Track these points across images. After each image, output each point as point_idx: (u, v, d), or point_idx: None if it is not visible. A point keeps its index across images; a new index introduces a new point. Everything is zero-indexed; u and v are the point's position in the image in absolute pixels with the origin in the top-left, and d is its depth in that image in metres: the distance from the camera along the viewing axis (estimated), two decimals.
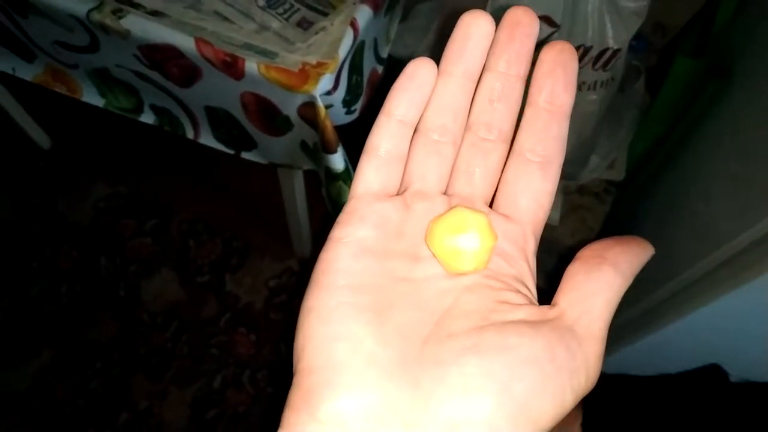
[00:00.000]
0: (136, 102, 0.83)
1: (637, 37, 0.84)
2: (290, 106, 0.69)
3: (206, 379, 1.11)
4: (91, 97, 0.85)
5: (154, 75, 0.74)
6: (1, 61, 0.86)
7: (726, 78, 0.76)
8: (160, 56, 0.70)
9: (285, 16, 0.69)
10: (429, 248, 0.21)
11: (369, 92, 0.81)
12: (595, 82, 0.85)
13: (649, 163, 1.03)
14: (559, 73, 0.22)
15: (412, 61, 0.23)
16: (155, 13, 0.68)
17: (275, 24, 0.69)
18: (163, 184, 1.27)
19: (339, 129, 0.70)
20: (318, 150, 0.74)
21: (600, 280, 0.20)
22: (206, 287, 1.18)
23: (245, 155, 0.83)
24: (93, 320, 1.15)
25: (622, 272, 0.20)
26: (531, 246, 0.22)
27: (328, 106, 0.68)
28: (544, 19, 0.74)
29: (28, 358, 1.12)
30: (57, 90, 0.86)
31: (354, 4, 0.70)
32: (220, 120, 0.78)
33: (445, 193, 0.23)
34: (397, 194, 0.23)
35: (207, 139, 0.83)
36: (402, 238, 0.22)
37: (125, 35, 0.68)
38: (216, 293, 1.18)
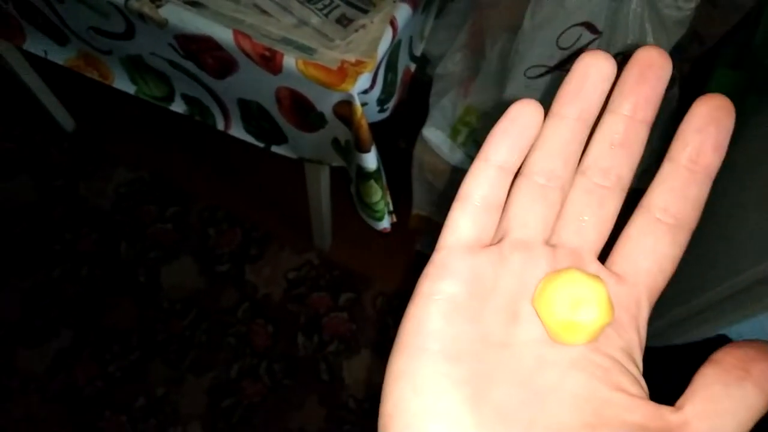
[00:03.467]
0: (168, 90, 0.83)
1: (675, 45, 0.82)
2: (326, 103, 0.68)
3: (223, 368, 1.11)
4: (123, 83, 0.84)
5: (189, 65, 0.74)
6: (33, 43, 0.86)
7: (766, 93, 0.74)
8: (196, 47, 0.70)
9: (324, 12, 0.68)
10: (536, 312, 0.19)
11: (402, 90, 0.80)
12: None
13: None
14: (712, 132, 0.20)
15: (516, 102, 0.21)
16: (194, 4, 0.68)
17: (314, 19, 0.68)
18: (186, 171, 1.27)
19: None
20: (351, 148, 0.73)
21: (740, 398, 0.17)
22: (225, 277, 1.19)
23: (275, 149, 0.82)
24: (112, 305, 1.16)
25: (766, 394, 0.18)
26: (644, 314, 0.20)
27: (363, 104, 0.67)
28: (586, 26, 0.73)
29: (48, 339, 1.12)
30: (88, 75, 0.86)
31: (394, 2, 0.70)
32: (252, 113, 0.78)
33: (548, 244, 0.21)
34: (492, 244, 0.21)
35: (237, 131, 0.83)
36: (497, 295, 0.20)
37: (162, 24, 0.67)
38: (235, 283, 1.18)
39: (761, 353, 0.18)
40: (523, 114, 0.21)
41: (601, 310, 0.18)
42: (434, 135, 0.90)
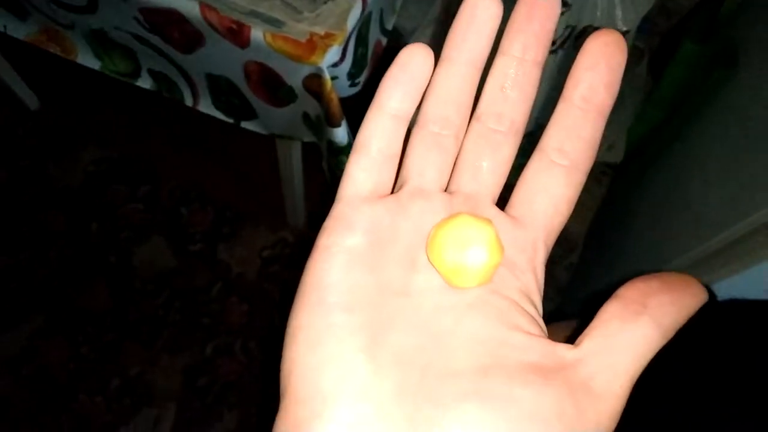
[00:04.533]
0: (134, 66, 0.81)
1: (643, 18, 0.83)
2: (295, 77, 0.68)
3: (198, 348, 1.11)
4: (87, 59, 0.82)
5: (154, 39, 0.72)
6: None
7: (731, 67, 0.76)
8: (162, 20, 0.68)
9: None
10: (429, 259, 0.20)
11: (373, 64, 0.80)
12: None
13: (648, 147, 1.03)
14: (602, 69, 0.20)
15: (404, 48, 0.21)
16: None
17: None
18: (156, 150, 1.25)
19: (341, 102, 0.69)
20: (321, 123, 0.73)
21: (636, 333, 0.17)
22: (198, 256, 1.18)
23: (245, 125, 0.82)
24: (84, 286, 1.14)
25: (663, 328, 0.18)
26: (541, 256, 0.20)
27: (333, 78, 0.67)
28: None
29: (20, 322, 1.11)
30: (51, 50, 0.83)
31: None
32: (221, 88, 0.77)
33: (446, 191, 0.21)
34: (391, 193, 0.21)
35: (206, 107, 0.82)
36: (396, 244, 0.20)
37: None
38: (208, 262, 1.17)
39: (661, 284, 0.18)
40: (413, 60, 0.20)
41: (490, 252, 0.18)
42: None
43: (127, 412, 1.06)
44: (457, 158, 0.22)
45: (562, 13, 0.75)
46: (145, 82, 0.83)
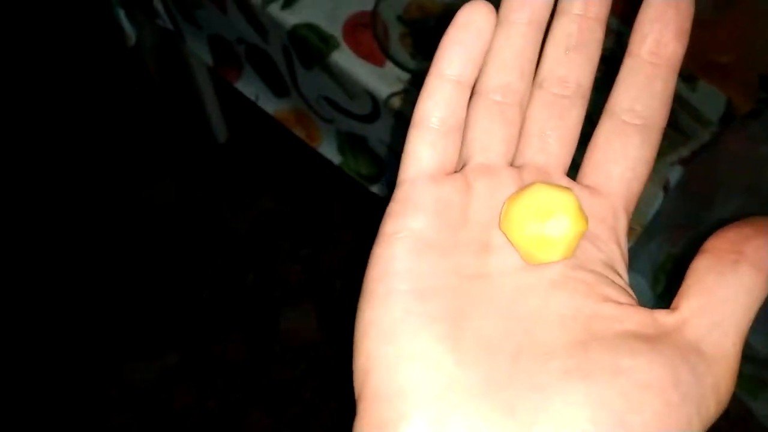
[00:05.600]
0: (377, 172, 0.77)
1: None
2: None
3: None
4: (329, 151, 0.79)
5: None
6: (246, 84, 0.81)
7: None
8: None
9: None
10: (505, 235, 0.18)
11: None
12: None
13: None
14: (670, 17, 0.19)
15: (464, 6, 0.19)
16: None
17: None
18: (328, 217, 1.22)
19: None
20: None
21: (737, 283, 0.16)
22: (343, 334, 1.13)
23: None
24: (224, 335, 1.12)
25: (766, 272, 0.16)
26: (623, 224, 0.19)
27: None
28: None
29: (155, 356, 1.09)
30: (294, 131, 0.81)
31: (672, 165, 0.62)
32: None
33: (513, 165, 0.20)
34: (456, 171, 0.20)
35: None
36: (467, 224, 0.18)
37: None
38: (350, 342, 1.12)
39: (755, 229, 0.17)
40: (474, 19, 0.19)
41: (573, 220, 0.17)
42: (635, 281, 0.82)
43: None
44: (522, 128, 0.20)
45: None
46: (379, 189, 0.79)
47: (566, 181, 0.20)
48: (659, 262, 0.84)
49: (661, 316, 0.16)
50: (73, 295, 1.13)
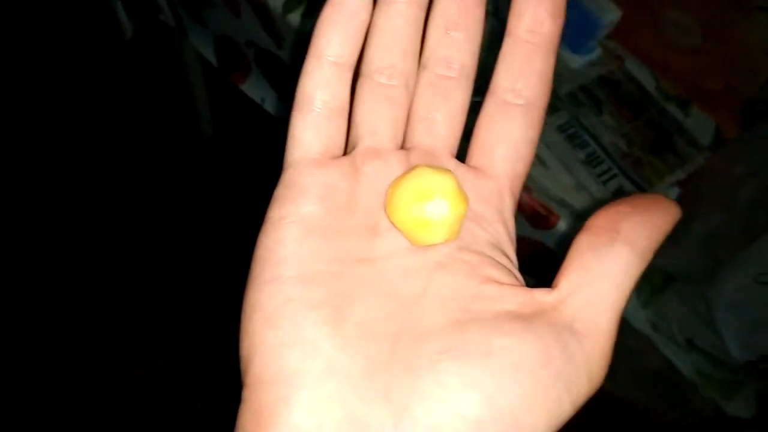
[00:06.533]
0: None
1: None
2: None
3: None
4: None
5: None
6: (252, 87, 0.81)
7: None
8: None
9: (603, 179, 0.65)
10: (389, 219, 0.18)
11: None
12: None
13: None
14: None
15: None
16: None
17: (593, 186, 0.64)
18: None
19: None
20: None
21: (612, 260, 0.16)
22: None
23: None
24: (213, 334, 1.11)
25: (639, 250, 0.16)
26: (508, 205, 0.19)
27: None
28: None
29: (142, 358, 1.08)
30: None
31: (670, 186, 0.66)
32: None
33: (402, 148, 0.20)
34: (344, 155, 0.20)
35: None
36: (355, 209, 0.18)
37: None
38: None
39: (630, 206, 0.17)
40: None
41: (452, 201, 0.17)
42: None
43: None
44: (409, 110, 0.20)
45: None
46: None
47: (453, 163, 0.20)
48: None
49: (541, 295, 0.17)
50: (59, 296, 1.11)
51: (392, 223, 0.18)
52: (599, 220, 0.17)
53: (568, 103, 0.67)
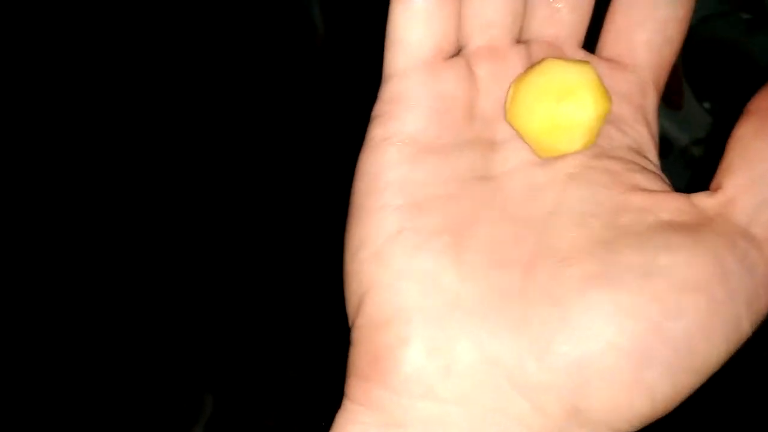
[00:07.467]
0: None
1: None
2: None
3: None
4: None
5: None
6: None
7: None
8: None
9: None
10: (512, 126, 0.16)
11: None
12: None
13: None
14: None
15: None
16: None
17: None
18: None
19: None
20: None
21: None
22: None
23: None
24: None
25: None
26: (651, 101, 0.17)
27: None
28: None
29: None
30: None
31: None
32: None
33: (519, 42, 0.17)
34: (454, 55, 0.17)
35: None
36: (470, 120, 0.16)
37: None
38: None
39: None
40: None
41: (594, 99, 0.15)
42: None
43: None
44: None
45: None
46: None
47: (582, 55, 0.18)
48: None
49: (702, 199, 0.15)
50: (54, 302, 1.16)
51: (516, 130, 0.16)
52: (764, 102, 0.15)
53: None
